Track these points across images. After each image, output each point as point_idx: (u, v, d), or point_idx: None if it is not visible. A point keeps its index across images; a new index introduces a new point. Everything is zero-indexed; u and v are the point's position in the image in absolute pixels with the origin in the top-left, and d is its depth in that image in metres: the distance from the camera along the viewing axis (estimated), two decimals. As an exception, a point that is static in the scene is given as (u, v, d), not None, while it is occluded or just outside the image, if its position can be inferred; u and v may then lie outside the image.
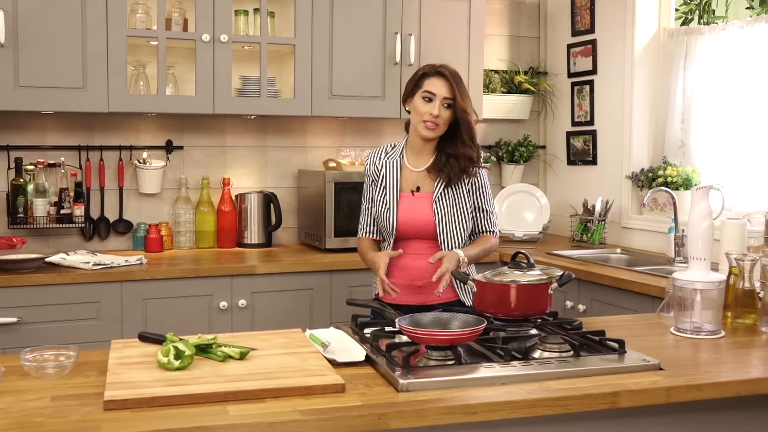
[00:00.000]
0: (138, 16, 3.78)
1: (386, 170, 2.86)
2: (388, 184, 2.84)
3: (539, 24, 4.94)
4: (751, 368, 2.05)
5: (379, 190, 2.86)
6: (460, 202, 2.82)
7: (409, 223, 2.80)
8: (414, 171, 2.85)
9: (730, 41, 3.84)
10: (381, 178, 2.86)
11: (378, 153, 2.94)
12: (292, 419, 1.59)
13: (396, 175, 2.85)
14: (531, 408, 1.73)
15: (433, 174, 2.82)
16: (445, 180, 2.80)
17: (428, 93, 2.74)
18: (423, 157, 2.86)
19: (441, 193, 2.80)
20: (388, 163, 2.87)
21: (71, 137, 3.97)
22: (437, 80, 2.75)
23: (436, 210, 2.79)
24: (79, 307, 3.38)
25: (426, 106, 2.74)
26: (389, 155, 2.90)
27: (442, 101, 2.73)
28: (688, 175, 3.98)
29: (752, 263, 2.42)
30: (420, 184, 2.84)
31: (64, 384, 1.81)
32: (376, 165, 2.90)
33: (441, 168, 2.80)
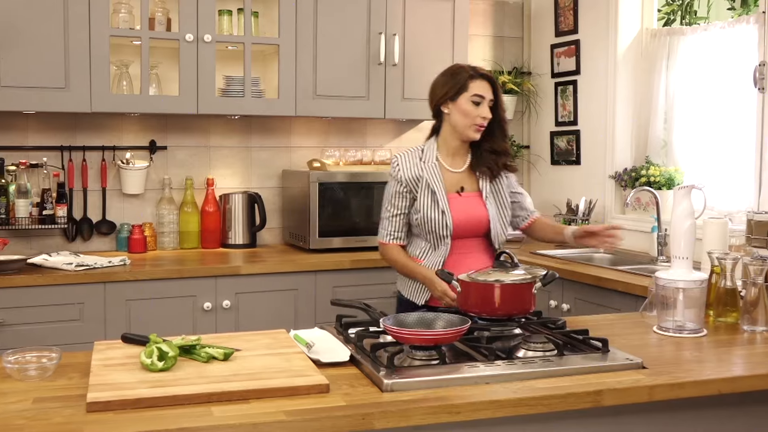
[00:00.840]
0: (121, 15, 3.76)
1: (428, 174, 2.82)
2: (435, 188, 2.81)
3: (523, 24, 4.95)
4: (732, 366, 2.06)
5: (425, 195, 2.80)
6: (502, 197, 2.89)
7: (464, 223, 2.81)
8: (454, 172, 2.86)
9: (711, 42, 3.87)
10: (423, 183, 2.81)
11: (410, 159, 2.85)
12: (276, 420, 1.58)
13: (438, 178, 2.83)
14: (515, 407, 1.74)
15: (477, 172, 2.87)
16: (489, 176, 2.86)
17: (478, 96, 2.76)
18: (459, 157, 2.88)
19: (489, 190, 2.87)
20: (427, 168, 2.84)
21: (54, 137, 3.94)
22: (483, 83, 2.79)
23: (489, 206, 2.84)
24: (61, 309, 3.36)
25: (476, 110, 2.77)
26: (424, 160, 2.85)
27: (488, 103, 2.78)
28: (670, 175, 4.01)
29: (734, 262, 2.44)
30: (463, 183, 2.86)
31: (47, 386, 1.80)
32: (413, 172, 2.82)
33: (485, 165, 2.85)
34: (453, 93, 2.80)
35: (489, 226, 2.83)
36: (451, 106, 2.81)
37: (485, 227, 2.83)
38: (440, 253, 2.81)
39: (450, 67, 2.90)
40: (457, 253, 2.81)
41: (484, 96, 2.77)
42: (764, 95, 3.49)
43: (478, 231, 2.84)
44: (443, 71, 2.89)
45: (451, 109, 2.81)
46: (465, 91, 2.78)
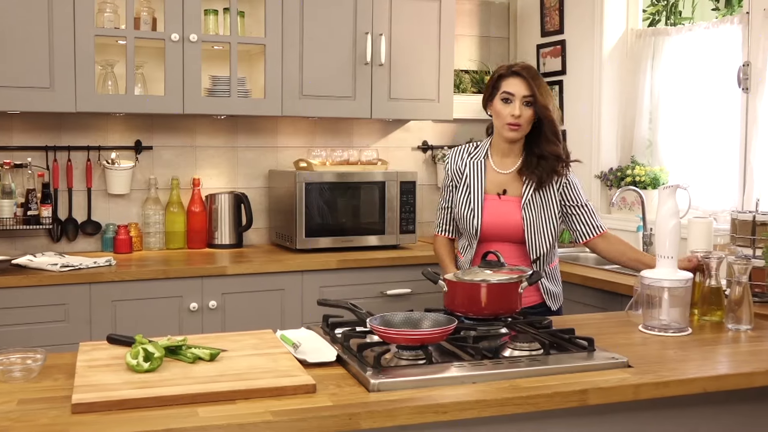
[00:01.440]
0: (106, 15, 3.74)
1: (470, 171, 2.81)
2: (473, 185, 2.79)
3: (509, 24, 4.97)
4: (717, 365, 2.07)
5: (462, 191, 2.81)
6: (548, 205, 2.77)
7: (495, 226, 2.76)
8: (501, 173, 2.80)
9: (696, 42, 3.89)
10: (464, 179, 2.81)
11: (459, 153, 2.87)
12: (262, 420, 1.58)
13: (481, 176, 2.79)
14: (501, 406, 1.74)
15: (524, 176, 2.77)
16: (536, 182, 2.75)
17: (506, 94, 2.70)
18: (510, 158, 2.81)
19: (531, 196, 2.76)
20: (471, 164, 2.82)
21: (38, 137, 3.92)
22: (514, 80, 2.71)
23: (525, 214, 2.75)
24: (46, 310, 3.34)
25: (506, 108, 2.70)
26: (472, 156, 2.83)
27: (521, 101, 2.68)
28: (656, 175, 4.03)
29: (718, 261, 2.45)
30: (507, 186, 2.79)
31: (32, 387, 1.79)
32: (458, 166, 2.84)
33: (533, 170, 2.75)
34: (488, 94, 2.78)
35: (523, 233, 2.75)
36: (490, 107, 2.78)
37: (519, 234, 2.76)
38: (471, 253, 2.81)
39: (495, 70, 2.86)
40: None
41: (514, 93, 2.69)
42: (748, 95, 3.52)
43: (512, 237, 2.77)
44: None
45: (491, 110, 2.78)
46: (497, 91, 2.74)
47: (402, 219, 4.16)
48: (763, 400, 2.07)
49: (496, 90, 2.74)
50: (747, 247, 2.77)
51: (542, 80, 2.74)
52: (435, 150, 4.76)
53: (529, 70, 2.72)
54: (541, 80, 2.74)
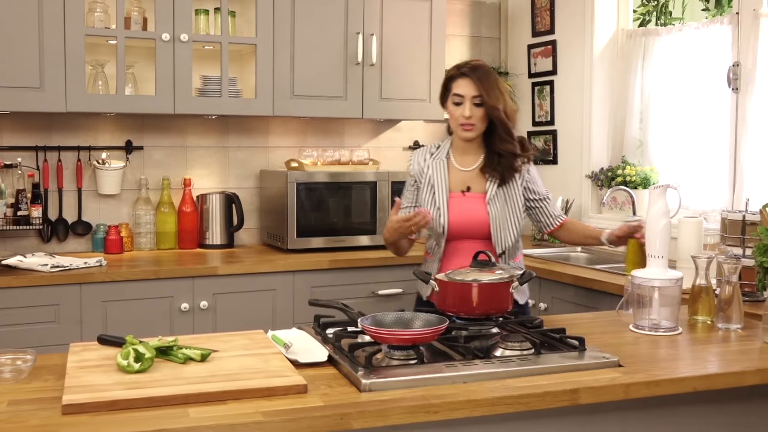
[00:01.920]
0: (96, 14, 3.73)
1: (433, 171, 2.84)
2: (436, 184, 2.82)
3: (500, 25, 4.97)
4: (707, 364, 2.08)
5: (426, 191, 2.84)
6: (512, 200, 2.82)
7: (462, 224, 2.79)
8: (463, 171, 2.84)
9: (686, 42, 3.90)
10: (427, 180, 2.84)
11: (422, 154, 2.91)
12: (253, 421, 1.58)
13: (443, 175, 2.82)
14: (492, 406, 1.74)
15: (487, 173, 2.81)
16: (499, 178, 2.80)
17: (456, 96, 2.75)
18: (470, 156, 2.84)
19: (495, 192, 2.80)
20: (434, 164, 2.85)
21: (28, 138, 3.91)
22: (463, 81, 2.74)
23: (490, 209, 2.78)
24: (37, 310, 3.33)
25: (458, 109, 2.74)
26: (434, 156, 2.87)
27: (471, 101, 2.72)
28: (646, 174, 4.04)
29: (708, 261, 2.46)
30: (470, 183, 2.83)
31: (22, 388, 1.78)
32: (421, 167, 2.87)
33: (494, 167, 2.79)
34: (442, 95, 2.83)
35: (489, 229, 2.79)
36: (445, 108, 2.83)
37: (485, 230, 2.79)
38: (440, 252, 2.83)
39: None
40: (455, 255, 2.79)
41: (463, 95, 2.73)
42: (738, 95, 3.53)
43: (479, 234, 2.79)
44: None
45: (446, 111, 2.83)
46: (449, 92, 2.78)
47: (393, 219, 4.16)
48: (753, 399, 2.08)
49: (448, 91, 2.79)
50: (737, 246, 2.78)
51: (493, 79, 2.76)
52: (426, 150, 4.75)
53: (477, 70, 2.74)
54: (492, 79, 2.75)
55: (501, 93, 2.75)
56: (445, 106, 2.83)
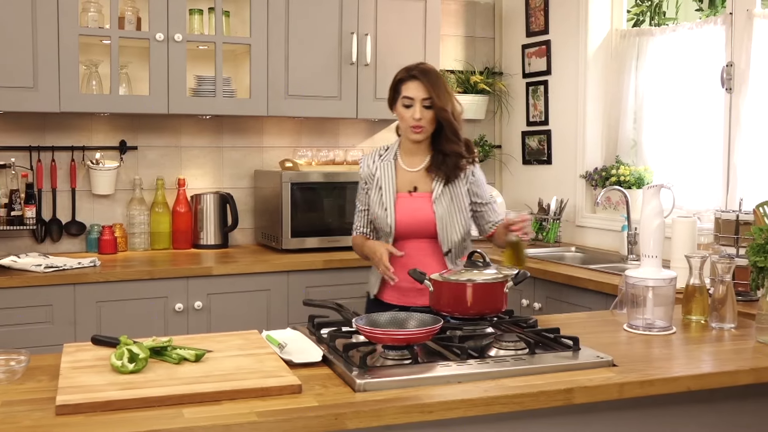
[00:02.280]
0: (90, 14, 3.72)
1: (381, 172, 2.87)
2: (384, 185, 2.85)
3: (494, 25, 4.98)
4: (701, 363, 2.09)
5: (375, 192, 2.87)
6: (458, 199, 2.84)
7: (409, 224, 2.82)
8: (410, 171, 2.87)
9: (680, 42, 3.91)
10: (376, 181, 2.87)
11: (371, 156, 2.94)
12: (248, 421, 1.58)
13: (391, 176, 2.86)
14: (487, 406, 1.74)
15: (432, 173, 2.84)
16: (444, 178, 2.82)
17: (407, 98, 2.77)
18: (417, 156, 2.87)
19: (441, 191, 2.82)
20: (382, 166, 2.88)
21: (22, 138, 3.90)
22: (413, 84, 2.77)
23: (436, 208, 2.80)
24: (30, 311, 3.32)
25: (408, 112, 2.77)
26: (383, 157, 2.91)
27: (421, 104, 2.75)
28: (640, 174, 4.05)
29: (702, 260, 2.46)
30: (417, 183, 2.86)
31: (15, 389, 1.78)
32: (370, 169, 2.91)
33: (439, 167, 2.82)
34: (392, 97, 2.86)
35: (436, 228, 2.81)
36: (395, 110, 2.86)
37: (431, 229, 2.81)
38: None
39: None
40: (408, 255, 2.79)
41: (413, 97, 2.75)
42: (731, 95, 3.54)
43: (425, 232, 2.82)
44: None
45: (396, 113, 2.86)
46: (399, 95, 2.81)
47: (388, 219, 4.16)
48: (747, 398, 2.09)
49: (397, 94, 2.81)
50: (730, 246, 2.79)
51: (442, 82, 2.79)
52: (421, 150, 4.76)
53: (427, 74, 2.78)
54: (441, 82, 2.79)
55: (449, 95, 2.79)
56: (394, 108, 2.85)
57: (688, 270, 2.48)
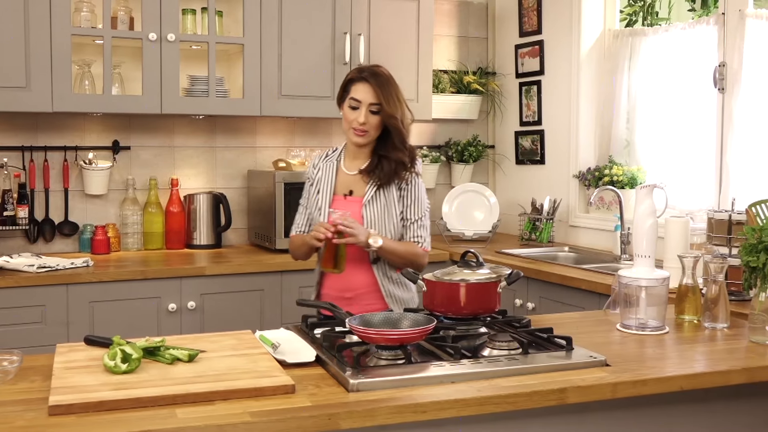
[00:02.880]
0: (83, 14, 3.71)
1: (322, 173, 2.83)
2: (322, 187, 2.80)
3: (487, 25, 4.98)
4: (694, 363, 2.09)
5: (314, 193, 2.84)
6: (390, 207, 2.73)
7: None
8: (348, 174, 2.80)
9: (673, 42, 3.92)
10: (317, 181, 2.83)
11: (320, 156, 2.90)
12: (241, 421, 1.58)
13: (331, 178, 2.80)
14: (480, 405, 1.75)
15: (366, 177, 2.76)
16: (377, 183, 2.73)
17: (354, 100, 2.69)
18: (359, 160, 2.80)
19: (372, 196, 2.73)
20: (325, 166, 2.84)
21: (14, 137, 3.89)
22: (363, 86, 2.69)
23: (365, 213, 2.71)
24: (23, 311, 3.31)
25: (353, 114, 2.69)
26: (328, 158, 2.86)
27: (368, 108, 2.67)
28: (633, 174, 4.05)
29: (695, 260, 2.47)
30: (353, 187, 2.78)
31: (8, 389, 1.77)
32: (315, 168, 2.87)
33: (372, 170, 2.74)
34: (340, 96, 2.78)
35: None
36: (341, 108, 2.78)
37: None
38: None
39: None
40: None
41: (361, 100, 2.67)
42: (724, 95, 3.55)
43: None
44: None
45: (341, 112, 2.78)
46: (347, 95, 2.73)
47: (381, 219, 4.16)
48: (739, 397, 2.09)
49: (346, 93, 2.73)
50: (723, 246, 2.79)
51: (393, 88, 2.70)
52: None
53: (378, 78, 2.68)
54: (392, 88, 2.69)
55: (399, 102, 2.69)
56: (341, 107, 2.77)
57: (681, 270, 2.49)
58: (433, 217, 4.74)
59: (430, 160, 4.71)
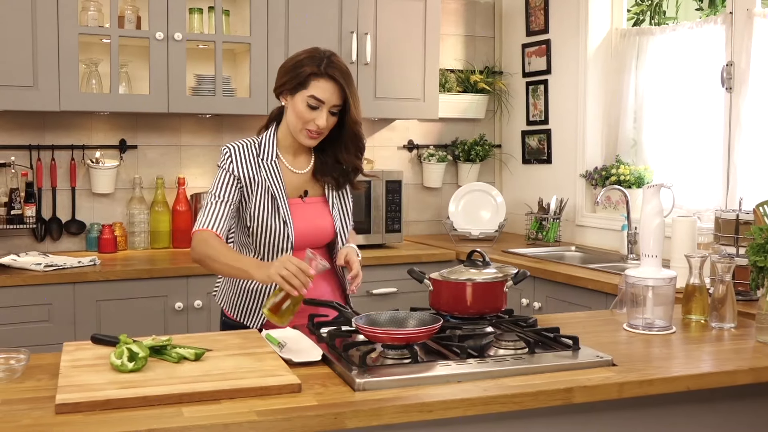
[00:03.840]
0: (90, 13, 3.72)
1: (266, 174, 2.41)
2: (276, 192, 2.40)
3: (494, 24, 4.97)
4: (700, 363, 2.08)
5: (264, 198, 2.40)
6: (344, 207, 2.55)
7: (307, 233, 2.45)
8: (297, 173, 2.48)
9: (680, 42, 3.91)
10: (261, 184, 2.40)
11: (244, 153, 2.42)
12: (247, 420, 1.58)
13: (279, 180, 2.42)
14: (486, 405, 1.74)
15: (319, 177, 2.50)
16: (334, 185, 2.51)
17: (315, 100, 2.34)
18: (302, 156, 2.50)
19: (334, 197, 2.52)
20: (266, 166, 2.42)
21: (22, 136, 3.90)
22: (327, 84, 2.34)
23: (335, 215, 2.51)
24: (30, 310, 3.32)
25: (310, 114, 2.35)
26: (262, 157, 2.43)
27: (330, 108, 2.36)
28: (640, 174, 4.04)
29: (702, 260, 2.46)
30: (305, 187, 2.49)
31: (15, 388, 1.77)
32: (249, 171, 2.40)
33: (329, 172, 2.49)
34: (292, 86, 2.37)
35: (334, 236, 2.49)
36: (289, 99, 2.39)
37: (329, 237, 2.50)
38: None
39: (305, 51, 2.41)
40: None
41: (324, 101, 2.34)
42: (731, 95, 3.54)
43: (321, 241, 2.49)
44: (298, 52, 2.42)
45: (288, 103, 2.40)
46: (303, 89, 2.35)
47: (388, 218, 4.17)
48: (746, 398, 2.09)
49: (302, 87, 2.34)
50: (730, 245, 2.79)
51: (355, 85, 2.41)
52: (421, 149, 4.77)
53: (345, 74, 2.36)
54: (354, 86, 2.40)
55: (359, 102, 2.42)
56: (289, 97, 2.39)
57: (688, 269, 2.48)
58: (440, 217, 4.76)
59: (437, 160, 4.70)
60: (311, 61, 2.35)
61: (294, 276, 2.10)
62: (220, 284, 2.63)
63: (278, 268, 2.11)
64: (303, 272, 2.11)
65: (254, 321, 2.48)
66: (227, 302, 2.55)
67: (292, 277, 2.10)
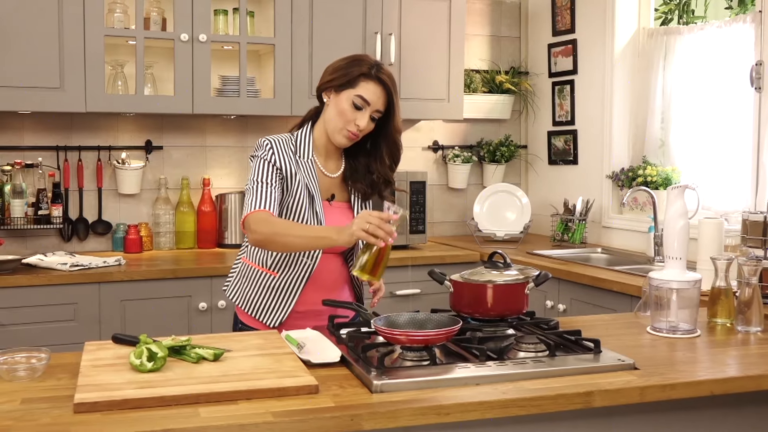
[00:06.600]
0: (116, 15, 3.75)
1: (305, 174, 2.41)
2: (314, 193, 2.41)
3: (520, 24, 4.94)
4: (725, 367, 2.05)
5: (303, 196, 2.40)
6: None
7: None
8: (328, 176, 2.48)
9: (709, 41, 3.86)
10: (299, 182, 2.40)
11: (284, 149, 2.41)
12: (264, 421, 1.57)
13: (315, 180, 2.42)
14: (504, 408, 1.72)
15: (349, 184, 2.50)
16: (362, 194, 2.50)
17: (362, 100, 2.35)
18: (333, 160, 2.50)
19: (359, 205, 2.51)
20: (304, 165, 2.42)
21: (49, 137, 3.94)
22: (376, 87, 2.36)
23: None
24: (56, 309, 3.35)
25: (353, 114, 2.35)
26: (300, 155, 2.43)
27: (372, 112, 2.37)
28: (667, 175, 4.00)
29: (728, 262, 2.42)
30: (333, 191, 2.49)
31: (35, 387, 1.79)
32: (290, 166, 2.40)
33: (360, 180, 2.49)
34: (339, 83, 2.38)
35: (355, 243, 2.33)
36: (333, 97, 2.40)
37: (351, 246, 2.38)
38: (304, 268, 2.43)
39: (354, 55, 2.48)
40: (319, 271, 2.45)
41: (370, 103, 2.35)
42: (761, 95, 3.48)
43: (340, 247, 2.40)
44: (348, 56, 2.47)
45: (332, 100, 2.40)
46: (351, 87, 2.36)
47: (412, 219, 4.15)
48: (772, 402, 2.05)
49: (350, 85, 2.36)
50: (758, 248, 2.74)
51: (398, 95, 2.42)
52: (446, 150, 4.75)
53: (393, 82, 2.38)
54: (398, 95, 2.42)
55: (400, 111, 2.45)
56: (334, 95, 2.39)
57: (713, 272, 2.44)
58: (464, 218, 4.74)
59: (462, 160, 4.68)
60: (362, 63, 2.39)
61: (378, 228, 2.10)
62: (231, 279, 2.63)
63: (360, 224, 2.12)
64: (385, 222, 2.12)
65: (272, 318, 2.48)
66: (242, 299, 2.56)
67: (376, 230, 2.10)
